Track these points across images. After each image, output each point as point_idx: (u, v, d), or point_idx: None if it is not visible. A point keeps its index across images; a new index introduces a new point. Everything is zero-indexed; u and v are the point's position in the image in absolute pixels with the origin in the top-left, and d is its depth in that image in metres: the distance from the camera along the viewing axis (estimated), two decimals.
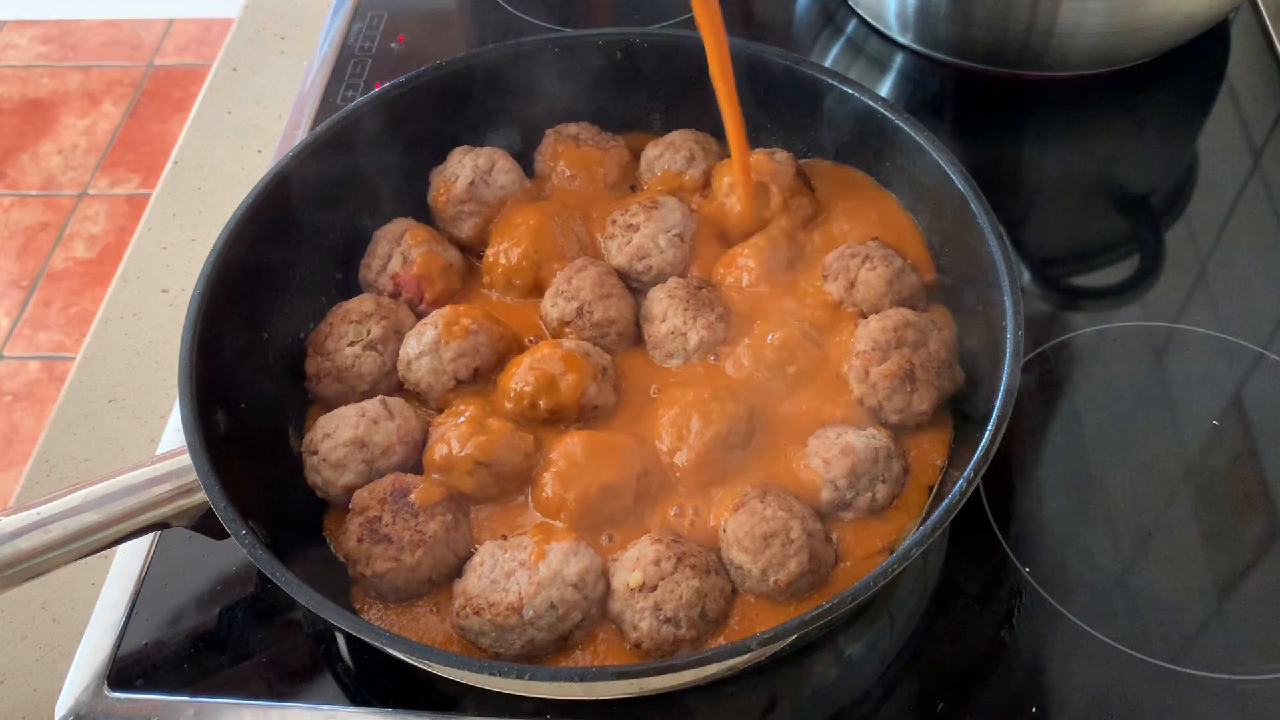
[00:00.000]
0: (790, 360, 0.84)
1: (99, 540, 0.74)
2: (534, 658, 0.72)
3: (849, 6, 1.27)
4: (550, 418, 0.82)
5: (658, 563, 0.72)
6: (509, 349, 0.86)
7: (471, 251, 0.96)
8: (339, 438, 0.79)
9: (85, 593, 0.86)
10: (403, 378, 0.86)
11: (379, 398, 0.83)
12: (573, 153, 0.99)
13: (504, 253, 0.92)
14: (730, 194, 0.93)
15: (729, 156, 0.97)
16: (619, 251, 0.92)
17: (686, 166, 0.97)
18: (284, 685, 0.79)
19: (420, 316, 0.90)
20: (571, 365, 0.82)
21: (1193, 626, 0.80)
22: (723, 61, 0.86)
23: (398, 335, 0.88)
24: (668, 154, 0.97)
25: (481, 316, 0.86)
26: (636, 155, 1.00)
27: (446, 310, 0.87)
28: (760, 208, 0.92)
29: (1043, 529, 0.85)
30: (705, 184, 0.96)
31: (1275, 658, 0.78)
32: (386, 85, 0.96)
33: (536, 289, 0.91)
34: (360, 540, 0.75)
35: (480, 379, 0.85)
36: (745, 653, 0.64)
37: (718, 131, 1.00)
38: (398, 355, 0.87)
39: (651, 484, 0.79)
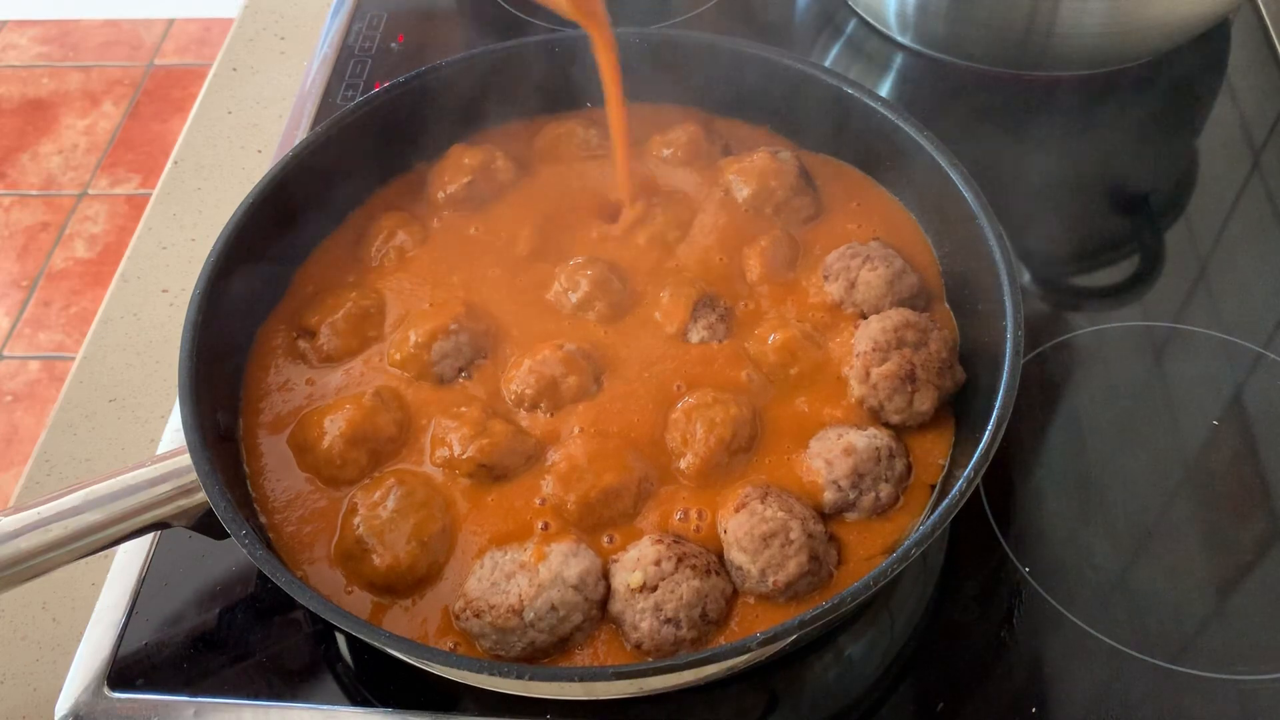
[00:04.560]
0: (792, 361, 0.84)
1: (99, 540, 0.74)
2: (534, 659, 0.72)
3: (849, 6, 1.27)
4: (552, 418, 0.82)
5: (658, 563, 0.72)
6: (496, 343, 0.87)
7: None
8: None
9: (85, 593, 0.86)
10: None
11: None
12: (571, 150, 0.99)
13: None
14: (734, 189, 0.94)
15: (731, 154, 0.98)
16: None
17: (689, 161, 0.97)
18: (284, 685, 0.79)
19: None
20: (572, 368, 0.82)
21: (1193, 626, 0.80)
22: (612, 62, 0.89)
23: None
24: (671, 149, 0.98)
25: (462, 314, 0.86)
26: (636, 152, 1.00)
27: (426, 310, 0.87)
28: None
29: (1043, 529, 0.85)
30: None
31: (1275, 658, 0.78)
32: (386, 84, 0.96)
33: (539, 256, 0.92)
34: None
35: (466, 371, 0.85)
36: (745, 653, 0.64)
37: (714, 127, 1.01)
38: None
39: (653, 487, 0.79)
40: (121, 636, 0.82)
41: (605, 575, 0.74)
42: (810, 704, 0.79)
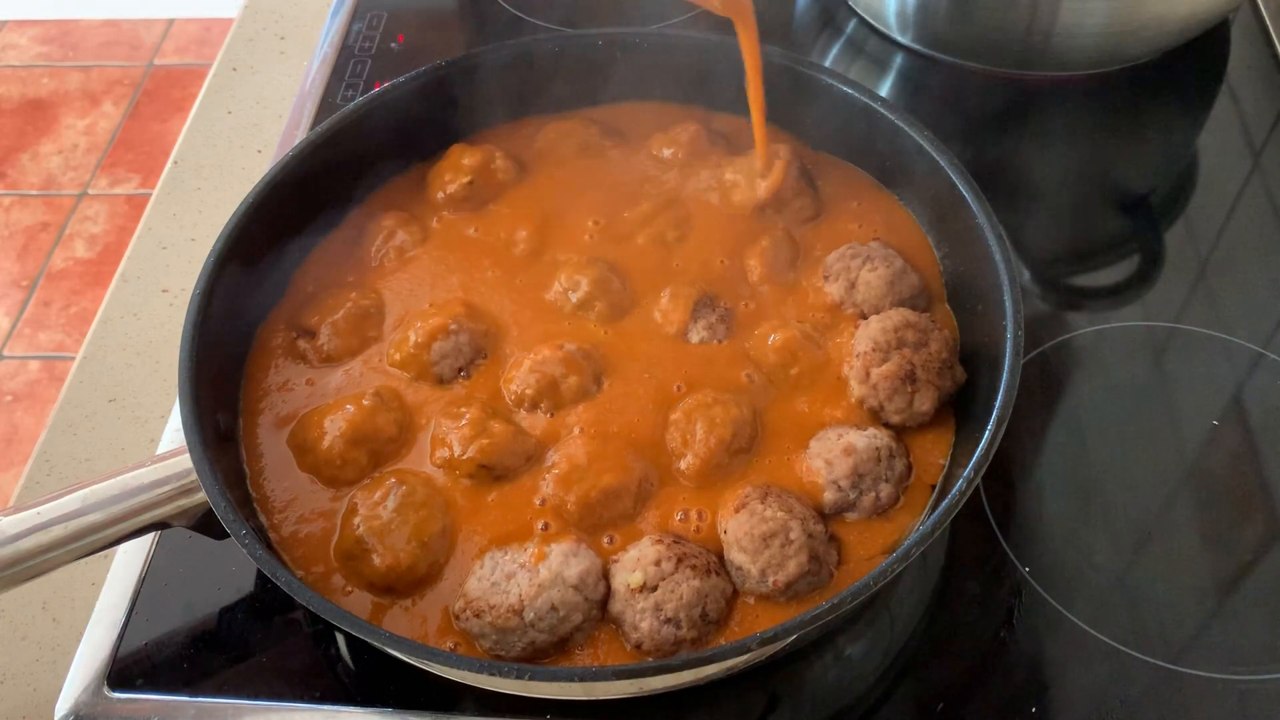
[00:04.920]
0: (792, 362, 0.84)
1: (99, 540, 0.74)
2: (535, 659, 0.72)
3: (849, 6, 1.27)
4: (552, 418, 0.82)
5: (658, 563, 0.72)
6: (496, 343, 0.87)
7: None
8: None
9: (85, 593, 0.86)
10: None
11: None
12: (571, 150, 0.99)
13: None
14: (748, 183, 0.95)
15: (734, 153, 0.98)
16: None
17: (690, 160, 0.97)
18: (284, 685, 0.79)
19: None
20: (573, 368, 0.83)
21: (1193, 626, 0.80)
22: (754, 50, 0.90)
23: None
24: (672, 149, 0.98)
25: (462, 314, 0.86)
26: (636, 151, 1.00)
27: (426, 310, 0.87)
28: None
29: (1043, 529, 0.85)
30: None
31: (1275, 658, 0.78)
32: (386, 85, 0.96)
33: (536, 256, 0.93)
34: None
35: (466, 371, 0.85)
36: (745, 653, 0.64)
37: (714, 125, 1.01)
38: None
39: (653, 487, 0.79)
40: (121, 636, 0.82)
41: (605, 575, 0.74)
42: (810, 704, 0.79)
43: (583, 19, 1.27)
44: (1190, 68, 1.19)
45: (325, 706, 0.78)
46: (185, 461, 0.74)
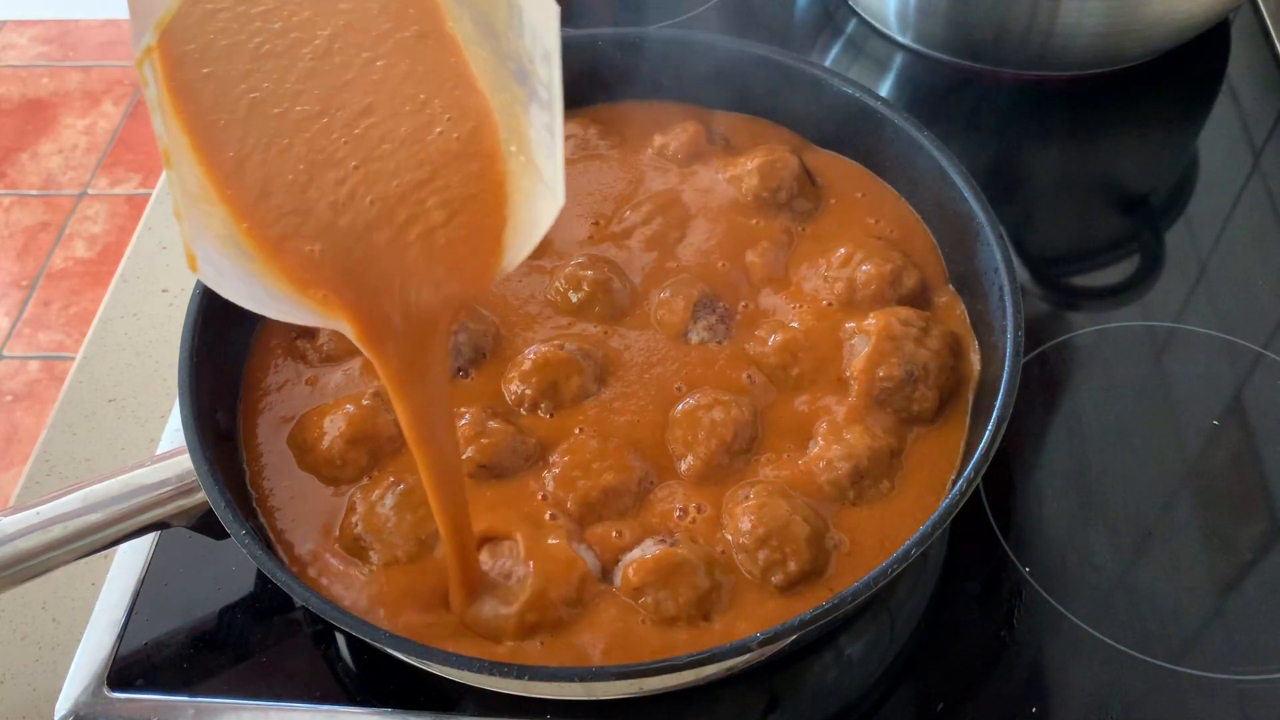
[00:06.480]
0: (792, 362, 0.84)
1: (99, 540, 0.74)
2: None
3: (849, 6, 1.27)
4: (553, 418, 0.82)
5: (658, 563, 0.72)
6: (496, 343, 0.87)
7: None
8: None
9: (85, 593, 0.86)
10: None
11: None
12: (570, 149, 0.99)
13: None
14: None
15: (732, 153, 0.98)
16: None
17: (689, 160, 0.97)
18: (284, 685, 0.79)
19: None
20: (573, 368, 0.82)
21: (1193, 626, 0.80)
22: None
23: None
24: (672, 150, 0.98)
25: (462, 314, 0.86)
26: (636, 151, 1.00)
27: None
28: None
29: (1043, 529, 0.85)
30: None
31: (1275, 658, 0.78)
32: None
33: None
34: None
35: (465, 371, 0.85)
36: (745, 653, 0.64)
37: (714, 125, 1.01)
38: None
39: (654, 487, 0.79)
40: (121, 636, 0.82)
41: (605, 574, 0.74)
42: (810, 704, 0.79)
43: (582, 19, 1.27)
44: (1190, 68, 1.19)
45: (325, 706, 0.78)
46: (185, 461, 0.74)
